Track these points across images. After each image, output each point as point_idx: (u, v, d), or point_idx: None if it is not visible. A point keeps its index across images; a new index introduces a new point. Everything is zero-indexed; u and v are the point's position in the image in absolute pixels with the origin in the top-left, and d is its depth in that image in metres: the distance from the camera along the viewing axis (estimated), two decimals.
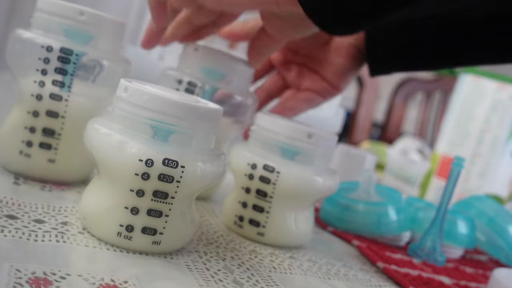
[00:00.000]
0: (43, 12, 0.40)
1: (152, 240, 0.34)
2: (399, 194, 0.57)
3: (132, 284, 0.30)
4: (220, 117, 0.36)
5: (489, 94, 0.81)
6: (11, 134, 0.41)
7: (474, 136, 0.82)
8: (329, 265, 0.44)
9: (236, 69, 0.49)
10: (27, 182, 0.41)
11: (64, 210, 0.38)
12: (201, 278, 0.34)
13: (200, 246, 0.39)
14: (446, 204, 0.51)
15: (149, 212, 0.34)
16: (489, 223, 0.57)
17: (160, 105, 0.33)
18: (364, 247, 0.50)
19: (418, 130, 1.63)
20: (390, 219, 0.52)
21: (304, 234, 0.45)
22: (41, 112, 0.40)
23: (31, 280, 0.27)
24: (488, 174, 0.81)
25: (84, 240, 0.34)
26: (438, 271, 0.50)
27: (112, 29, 0.42)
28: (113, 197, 0.34)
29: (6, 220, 0.33)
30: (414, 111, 1.72)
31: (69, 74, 0.40)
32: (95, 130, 0.34)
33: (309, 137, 0.43)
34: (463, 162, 0.50)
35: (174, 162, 0.33)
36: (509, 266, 0.57)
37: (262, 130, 0.44)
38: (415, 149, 1.17)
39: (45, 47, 0.39)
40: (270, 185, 0.43)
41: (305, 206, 0.45)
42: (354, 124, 1.47)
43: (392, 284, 0.44)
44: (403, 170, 0.97)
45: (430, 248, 0.52)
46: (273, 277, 0.38)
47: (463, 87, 0.84)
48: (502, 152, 0.81)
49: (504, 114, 0.80)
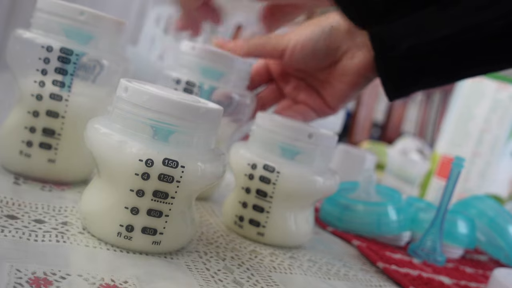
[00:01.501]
0: (43, 12, 0.40)
1: (152, 240, 0.34)
2: (399, 194, 0.57)
3: (132, 284, 0.30)
4: (221, 117, 0.36)
5: (489, 94, 0.81)
6: (11, 134, 0.41)
7: (474, 136, 0.82)
8: (329, 265, 0.44)
9: (234, 68, 0.49)
10: (27, 182, 0.41)
11: (64, 210, 0.38)
12: (201, 278, 0.34)
13: (200, 246, 0.39)
14: (446, 204, 0.51)
15: (149, 212, 0.34)
16: (489, 223, 0.57)
17: (160, 105, 0.33)
18: (364, 247, 0.50)
19: (418, 130, 1.63)
20: (390, 219, 0.52)
21: (304, 234, 0.45)
22: (41, 112, 0.40)
23: (31, 280, 0.27)
24: (488, 174, 0.81)
25: (84, 240, 0.34)
26: (438, 271, 0.50)
27: (112, 29, 0.42)
28: (113, 197, 0.34)
29: (6, 220, 0.33)
30: (414, 111, 1.72)
31: (69, 74, 0.40)
32: (95, 130, 0.34)
33: (309, 137, 0.43)
34: (463, 162, 0.50)
35: (174, 162, 0.33)
36: (509, 266, 0.57)
37: (262, 130, 0.44)
38: (415, 149, 1.17)
39: (45, 47, 0.39)
40: (270, 185, 0.43)
41: (305, 206, 0.45)
42: (354, 124, 1.47)
43: (392, 284, 0.44)
44: (403, 170, 0.97)
45: (430, 248, 0.52)
46: (273, 277, 0.38)
47: (463, 87, 0.84)
48: (502, 152, 0.81)
49: (504, 114, 0.80)
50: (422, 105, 1.64)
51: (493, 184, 0.82)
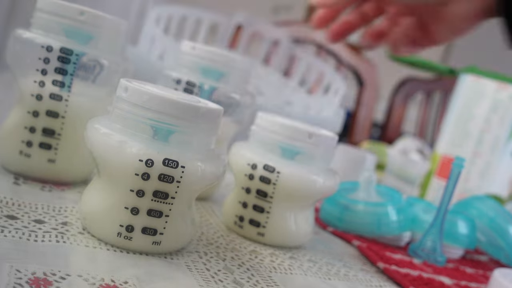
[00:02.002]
0: (43, 12, 0.40)
1: (152, 240, 0.34)
2: (399, 194, 0.57)
3: (132, 285, 0.30)
4: (221, 117, 0.36)
5: (489, 94, 0.81)
6: (11, 134, 0.41)
7: (474, 136, 0.82)
8: (329, 265, 0.44)
9: (234, 68, 0.49)
10: (27, 182, 0.41)
11: (64, 210, 0.38)
12: (201, 279, 0.34)
13: (200, 246, 0.39)
14: (446, 204, 0.51)
15: (149, 212, 0.34)
16: (489, 223, 0.57)
17: (160, 105, 0.33)
18: (364, 247, 0.50)
19: (418, 130, 1.63)
20: (390, 219, 0.52)
21: (304, 234, 0.45)
22: (41, 112, 0.40)
23: (31, 281, 0.27)
24: (488, 174, 0.81)
25: (84, 240, 0.34)
26: (438, 271, 0.50)
27: (112, 29, 0.42)
28: (113, 197, 0.34)
29: (6, 220, 0.33)
30: (414, 111, 1.72)
31: (69, 74, 0.40)
32: (95, 130, 0.34)
33: (309, 137, 0.43)
34: (464, 162, 0.50)
35: (174, 162, 0.33)
36: (510, 266, 0.57)
37: (262, 130, 0.44)
38: (415, 149, 1.17)
39: (45, 47, 0.39)
40: (270, 185, 0.43)
41: (305, 206, 0.45)
42: (354, 124, 1.47)
43: (393, 285, 0.44)
44: (403, 170, 0.96)
45: (431, 248, 0.52)
46: (273, 277, 0.38)
47: (463, 87, 0.84)
48: (502, 152, 0.81)
49: (504, 114, 0.80)
50: (422, 105, 1.64)
51: (493, 184, 0.82)
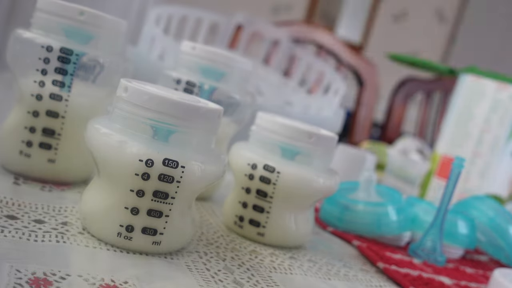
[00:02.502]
0: (43, 12, 0.40)
1: (152, 240, 0.34)
2: (399, 194, 0.57)
3: (132, 284, 0.30)
4: (221, 117, 0.36)
5: (489, 94, 0.81)
6: (11, 134, 0.41)
7: (474, 136, 0.82)
8: (329, 265, 0.44)
9: (234, 68, 0.49)
10: (27, 182, 0.41)
11: (64, 210, 0.38)
12: (201, 279, 0.34)
13: (200, 246, 0.39)
14: (446, 204, 0.51)
15: (149, 212, 0.34)
16: (489, 223, 0.57)
17: (160, 105, 0.33)
18: (364, 247, 0.50)
19: (418, 130, 1.63)
20: (390, 219, 0.52)
21: (304, 234, 0.45)
22: (41, 112, 0.40)
23: (31, 281, 0.27)
24: (488, 174, 0.81)
25: (84, 240, 0.34)
26: (438, 271, 0.50)
27: (112, 29, 0.42)
28: (113, 197, 0.34)
29: (6, 220, 0.33)
30: (414, 111, 1.72)
31: (69, 74, 0.40)
32: (95, 130, 0.34)
33: (309, 137, 0.43)
34: (464, 162, 0.50)
35: (174, 162, 0.33)
36: (509, 266, 0.57)
37: (262, 130, 0.44)
38: (415, 149, 1.17)
39: (45, 47, 0.39)
40: (270, 185, 0.43)
41: (305, 206, 0.45)
42: (354, 124, 1.47)
43: (393, 284, 0.44)
44: (403, 170, 0.96)
45: (431, 248, 0.52)
46: (274, 277, 0.38)
47: (463, 87, 0.84)
48: (502, 152, 0.81)
49: (504, 114, 0.80)
50: (422, 105, 1.64)
51: (493, 184, 0.82)
